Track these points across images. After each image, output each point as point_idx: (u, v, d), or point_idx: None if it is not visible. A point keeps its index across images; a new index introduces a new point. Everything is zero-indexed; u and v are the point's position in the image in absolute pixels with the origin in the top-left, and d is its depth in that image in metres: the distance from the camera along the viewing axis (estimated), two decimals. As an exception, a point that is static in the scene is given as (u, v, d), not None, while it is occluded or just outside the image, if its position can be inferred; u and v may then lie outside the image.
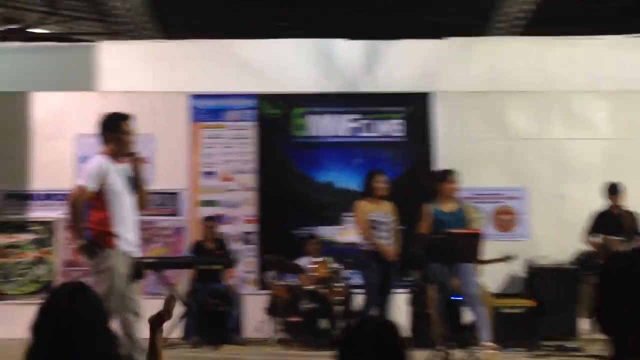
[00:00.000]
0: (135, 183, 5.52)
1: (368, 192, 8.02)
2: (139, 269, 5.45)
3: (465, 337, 7.45)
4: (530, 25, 11.52)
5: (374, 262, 7.72)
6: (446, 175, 7.69)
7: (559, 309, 8.95)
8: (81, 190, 5.30)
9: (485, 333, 7.07)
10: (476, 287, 7.37)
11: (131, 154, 5.51)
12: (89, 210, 5.38)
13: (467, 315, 7.83)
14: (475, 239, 6.92)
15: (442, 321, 7.17)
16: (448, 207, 7.57)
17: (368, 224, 7.81)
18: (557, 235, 9.80)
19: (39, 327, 2.42)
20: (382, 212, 7.92)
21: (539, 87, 10.49)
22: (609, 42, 11.01)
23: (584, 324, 9.23)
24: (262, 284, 9.66)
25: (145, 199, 5.65)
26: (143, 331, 5.22)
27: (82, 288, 2.55)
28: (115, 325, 5.32)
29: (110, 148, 5.47)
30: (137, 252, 5.49)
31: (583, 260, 9.52)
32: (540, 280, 9.33)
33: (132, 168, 5.51)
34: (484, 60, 10.77)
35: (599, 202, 9.77)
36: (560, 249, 9.67)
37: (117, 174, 5.41)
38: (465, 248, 6.78)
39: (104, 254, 5.25)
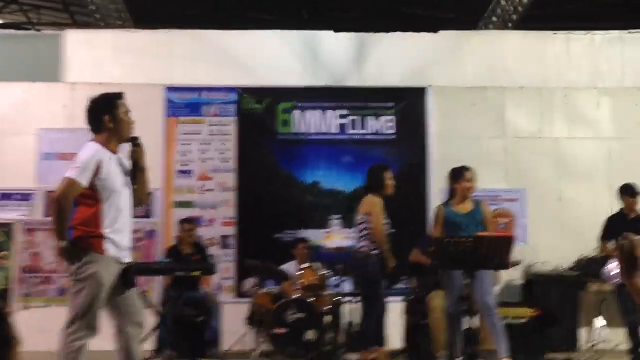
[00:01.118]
0: (135, 173, 4.76)
1: (377, 189, 7.44)
2: (131, 275, 4.67)
3: (473, 350, 6.89)
4: (524, 20, 11.12)
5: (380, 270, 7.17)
6: (462, 172, 7.13)
7: (560, 318, 8.50)
8: (71, 184, 4.46)
9: (503, 348, 6.53)
10: (493, 297, 6.83)
11: (132, 139, 4.75)
12: (74, 207, 4.55)
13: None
14: (505, 242, 6.25)
15: (452, 332, 6.61)
16: (463, 207, 7.02)
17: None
18: (557, 239, 9.39)
19: None
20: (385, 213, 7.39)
21: (537, 83, 10.10)
22: (609, 38, 10.63)
23: (585, 334, 8.85)
24: (240, 292, 9.05)
25: (147, 191, 4.92)
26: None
27: None
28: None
29: (105, 135, 4.66)
30: (128, 257, 4.72)
31: (584, 266, 9.12)
32: (539, 287, 8.92)
33: (132, 156, 4.76)
34: (480, 55, 10.39)
35: (602, 205, 9.40)
36: (560, 254, 9.27)
37: (113, 165, 4.64)
38: (492, 253, 6.10)
39: (88, 259, 4.48)
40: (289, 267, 8.57)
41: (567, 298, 8.79)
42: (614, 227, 7.83)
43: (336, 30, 10.37)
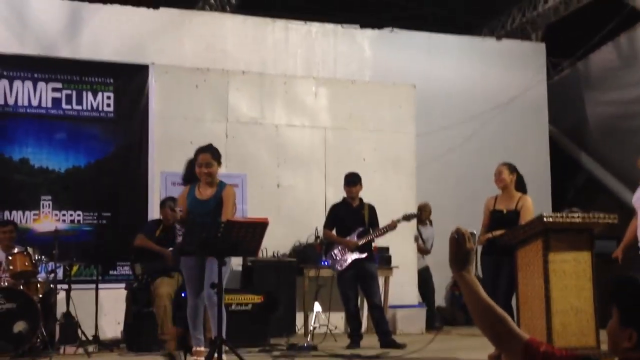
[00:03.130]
0: None
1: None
2: None
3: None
4: (243, 5, 11.25)
5: None
6: (196, 155, 6.63)
7: (280, 303, 8.77)
8: None
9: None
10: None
11: None
12: None
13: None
14: (259, 228, 5.94)
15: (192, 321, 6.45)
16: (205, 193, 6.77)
17: None
18: (275, 225, 9.56)
19: None
20: None
21: (257, 68, 10.28)
22: (324, 30, 11.13)
23: (303, 319, 9.24)
24: None
25: None
26: None
27: None
28: None
29: None
30: None
31: (300, 252, 9.51)
32: (258, 273, 9.13)
33: None
34: (201, 36, 10.33)
35: (317, 192, 9.88)
36: (278, 241, 9.50)
37: None
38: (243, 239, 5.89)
39: None
40: (-4, 252, 7.87)
41: (285, 284, 9.11)
42: (337, 215, 8.25)
43: (48, -4, 9.72)
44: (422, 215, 10.22)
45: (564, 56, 12.60)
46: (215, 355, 5.73)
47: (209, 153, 6.52)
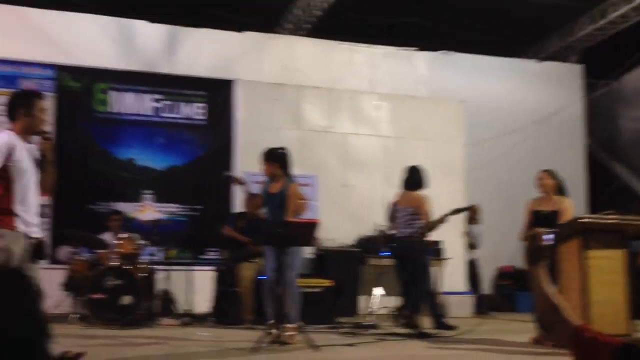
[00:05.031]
0: (42, 164, 4.58)
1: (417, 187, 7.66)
2: (40, 249, 4.48)
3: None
4: (315, 29, 11.37)
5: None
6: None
7: (346, 288, 8.85)
8: None
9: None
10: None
11: (41, 133, 4.57)
12: None
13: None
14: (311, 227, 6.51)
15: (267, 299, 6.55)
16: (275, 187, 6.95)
17: None
18: (341, 220, 9.74)
19: None
20: None
21: (327, 85, 10.37)
22: (384, 52, 11.19)
23: (364, 302, 9.28)
24: (55, 259, 8.44)
25: (52, 181, 4.69)
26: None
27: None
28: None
29: (20, 125, 4.48)
30: (37, 233, 4.51)
31: (364, 244, 9.55)
32: (328, 261, 9.19)
33: (41, 148, 4.58)
34: (277, 56, 10.46)
35: (377, 192, 9.93)
36: (344, 233, 9.60)
37: (24, 152, 4.44)
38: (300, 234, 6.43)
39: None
40: (106, 237, 8.14)
41: (350, 271, 9.16)
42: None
43: (151, 21, 9.99)
44: (473, 215, 10.18)
45: (600, 77, 12.42)
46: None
47: (264, 156, 6.68)
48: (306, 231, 6.40)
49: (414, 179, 7.71)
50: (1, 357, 1.45)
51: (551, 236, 6.23)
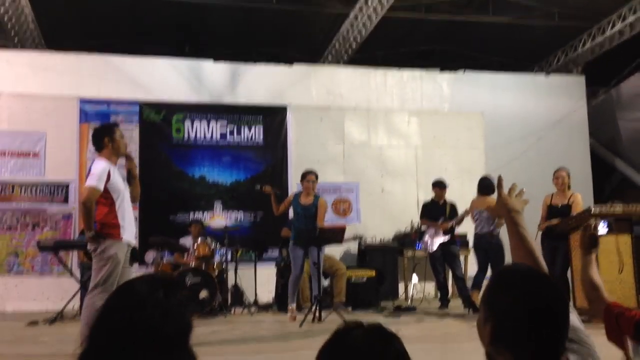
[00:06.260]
0: (129, 179, 4.86)
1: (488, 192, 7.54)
2: (134, 254, 4.81)
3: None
4: (353, 59, 11.28)
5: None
6: (305, 175, 7.23)
7: (386, 277, 8.73)
8: (92, 190, 4.54)
9: None
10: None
11: (125, 155, 4.83)
12: (96, 206, 4.56)
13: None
14: (340, 231, 7.08)
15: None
16: (306, 200, 7.10)
17: None
18: (380, 220, 9.64)
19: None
20: None
21: (365, 105, 10.26)
22: (412, 75, 11.03)
23: (402, 288, 9.15)
24: (143, 261, 8.54)
25: (138, 193, 4.93)
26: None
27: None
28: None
29: (107, 152, 4.70)
30: (134, 241, 4.84)
31: (400, 239, 9.42)
32: (370, 255, 9.08)
33: (127, 167, 4.87)
34: (322, 83, 10.39)
35: (411, 195, 9.76)
36: (383, 231, 9.47)
37: (117, 173, 4.69)
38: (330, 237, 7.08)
39: (109, 244, 4.52)
40: (184, 241, 8.20)
41: (389, 262, 9.04)
42: (429, 209, 8.14)
43: (215, 60, 10.05)
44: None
45: (600, 85, 12.02)
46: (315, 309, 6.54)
47: (314, 174, 7.16)
48: (339, 233, 6.92)
49: (485, 185, 7.61)
50: (150, 351, 1.36)
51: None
